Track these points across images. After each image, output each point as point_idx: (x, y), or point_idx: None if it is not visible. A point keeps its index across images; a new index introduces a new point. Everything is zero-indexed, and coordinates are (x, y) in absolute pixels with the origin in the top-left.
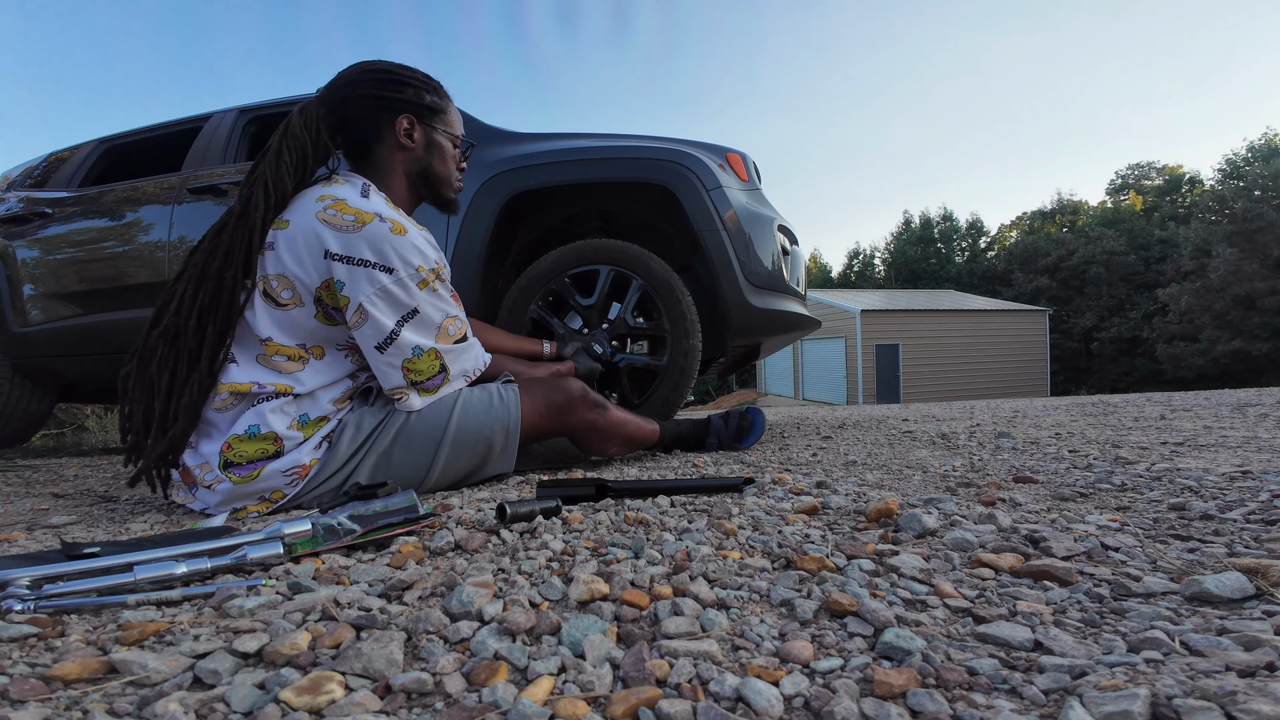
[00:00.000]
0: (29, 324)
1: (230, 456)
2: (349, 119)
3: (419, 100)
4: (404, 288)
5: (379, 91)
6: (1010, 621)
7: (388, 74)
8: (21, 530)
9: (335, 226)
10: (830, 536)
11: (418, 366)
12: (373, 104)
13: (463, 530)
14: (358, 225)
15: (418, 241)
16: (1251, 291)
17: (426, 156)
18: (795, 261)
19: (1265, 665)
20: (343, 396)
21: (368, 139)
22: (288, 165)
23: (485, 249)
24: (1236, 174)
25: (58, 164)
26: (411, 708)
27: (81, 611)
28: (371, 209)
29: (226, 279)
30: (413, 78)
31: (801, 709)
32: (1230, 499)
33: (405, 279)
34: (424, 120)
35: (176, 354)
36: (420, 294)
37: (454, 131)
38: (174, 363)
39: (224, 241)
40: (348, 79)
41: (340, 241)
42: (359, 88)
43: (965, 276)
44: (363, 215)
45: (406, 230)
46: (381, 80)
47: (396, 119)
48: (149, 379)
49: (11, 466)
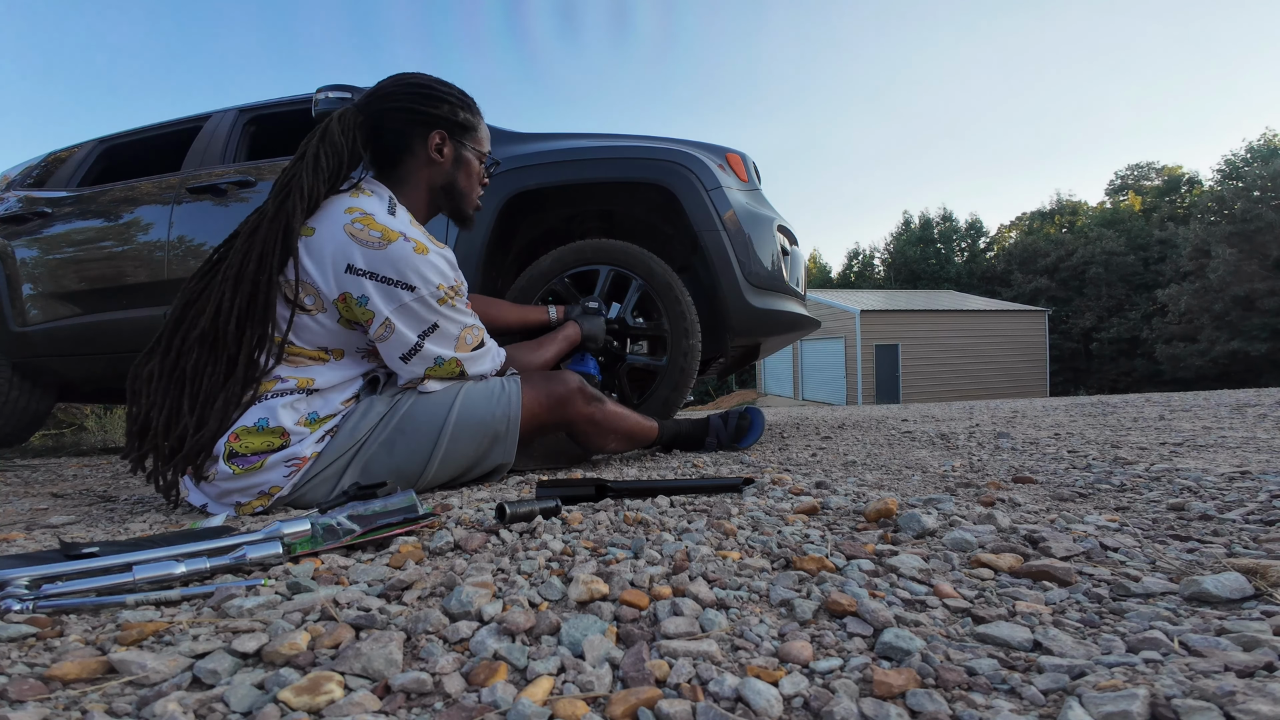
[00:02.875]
0: (28, 323)
1: (236, 447)
2: (383, 129)
3: (453, 117)
4: (425, 305)
5: (416, 106)
6: (1009, 622)
7: (426, 89)
8: (20, 530)
9: (362, 241)
10: (830, 537)
11: (439, 372)
12: (409, 117)
13: (462, 530)
14: (384, 243)
15: (437, 261)
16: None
17: (453, 172)
18: (795, 262)
19: (1264, 665)
20: (352, 396)
21: (399, 150)
22: (324, 171)
23: (485, 249)
24: (1235, 175)
25: (57, 164)
26: (411, 708)
27: (80, 611)
28: (397, 228)
29: (262, 282)
30: (449, 94)
31: (801, 709)
32: (1229, 499)
33: (426, 296)
34: (455, 136)
35: (215, 358)
36: (440, 310)
37: (482, 149)
38: (211, 366)
39: (257, 244)
40: (386, 91)
41: (365, 257)
42: (397, 100)
43: (965, 277)
44: (389, 233)
45: (429, 250)
46: (419, 95)
47: (430, 134)
48: (180, 380)
49: (10, 466)
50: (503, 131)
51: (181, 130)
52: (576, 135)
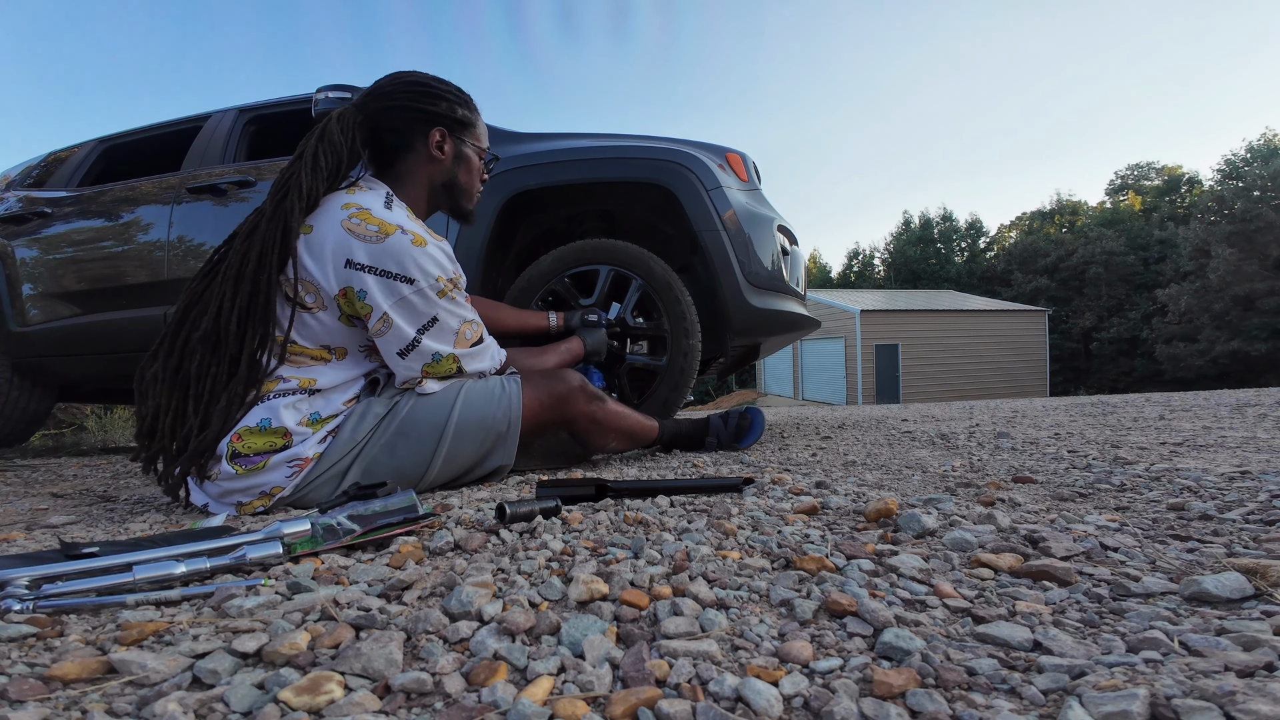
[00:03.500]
0: (28, 323)
1: (239, 447)
2: (383, 128)
3: (451, 114)
4: (424, 298)
5: (415, 104)
6: (1009, 621)
7: (424, 87)
8: (20, 530)
9: (359, 236)
10: (830, 536)
11: (437, 370)
12: (409, 115)
13: (462, 530)
14: (381, 236)
15: (436, 254)
16: (1250, 292)
17: (454, 168)
18: (795, 261)
19: (1264, 665)
20: (354, 396)
21: (399, 148)
22: (323, 170)
23: (485, 248)
24: (1236, 174)
25: (57, 164)
26: (411, 708)
27: (80, 611)
28: (394, 221)
29: (262, 281)
30: (447, 91)
31: (801, 709)
32: (1229, 499)
33: (425, 289)
34: (455, 133)
35: (218, 358)
36: (439, 303)
37: (481, 145)
38: (215, 367)
39: (256, 243)
40: (385, 90)
41: (364, 251)
42: (396, 98)
43: (965, 277)
44: (386, 227)
45: (426, 242)
46: (418, 93)
47: (430, 131)
48: (184, 381)
49: (11, 466)
50: (503, 131)
51: (181, 130)
52: (576, 135)
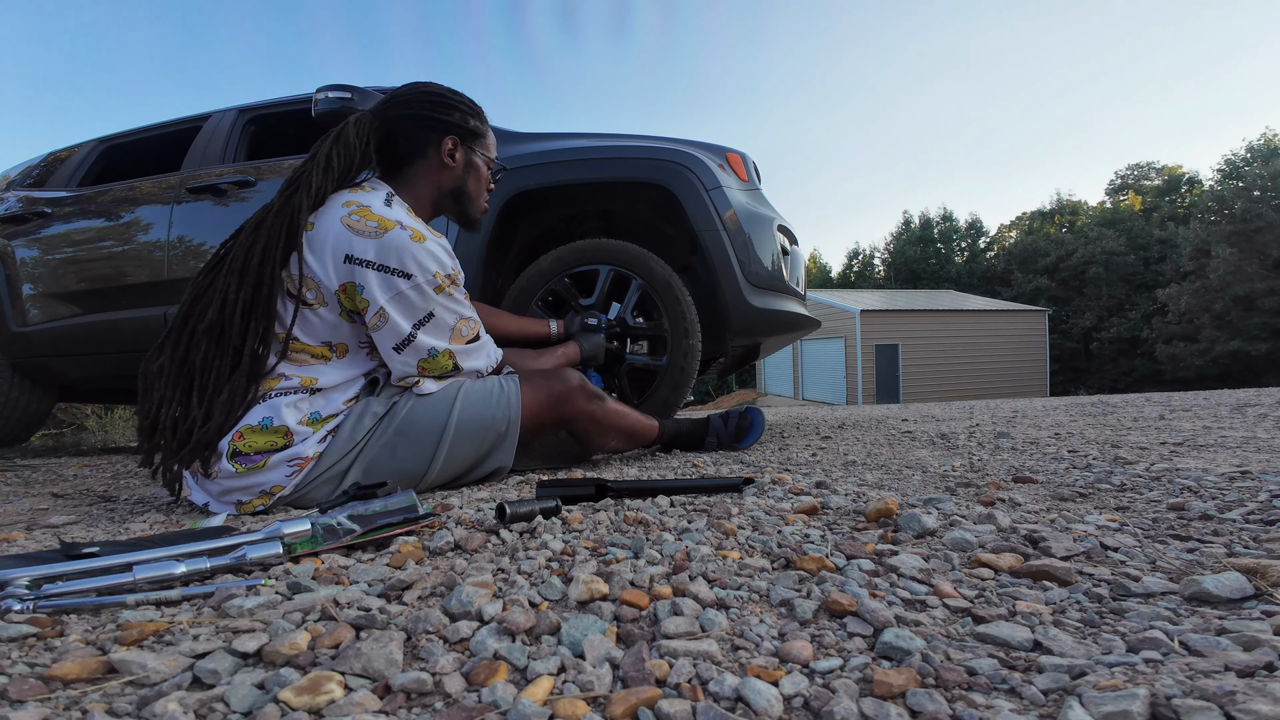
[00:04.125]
0: (28, 323)
1: (240, 446)
2: (398, 134)
3: (464, 124)
4: (420, 293)
5: (431, 113)
6: (1009, 621)
7: (440, 97)
8: (21, 530)
9: (358, 231)
10: (830, 536)
11: (432, 366)
12: (424, 123)
13: (462, 530)
14: (380, 231)
15: (434, 249)
16: (1251, 292)
17: (464, 176)
18: (795, 261)
19: (1264, 665)
20: (354, 396)
21: (412, 154)
22: (334, 170)
23: (485, 249)
24: (1236, 174)
25: (57, 164)
26: (411, 708)
27: (81, 611)
28: (393, 217)
29: (265, 275)
30: (460, 102)
31: (801, 709)
32: (1229, 499)
33: (422, 284)
34: (466, 142)
35: (221, 351)
36: (436, 299)
37: (490, 155)
38: (218, 359)
39: (262, 237)
40: (403, 98)
41: (363, 246)
42: (413, 106)
43: (965, 277)
44: (385, 222)
45: (425, 238)
46: (434, 102)
47: (443, 139)
48: (189, 373)
49: (11, 466)
50: (503, 131)
51: (181, 130)
52: (576, 135)
